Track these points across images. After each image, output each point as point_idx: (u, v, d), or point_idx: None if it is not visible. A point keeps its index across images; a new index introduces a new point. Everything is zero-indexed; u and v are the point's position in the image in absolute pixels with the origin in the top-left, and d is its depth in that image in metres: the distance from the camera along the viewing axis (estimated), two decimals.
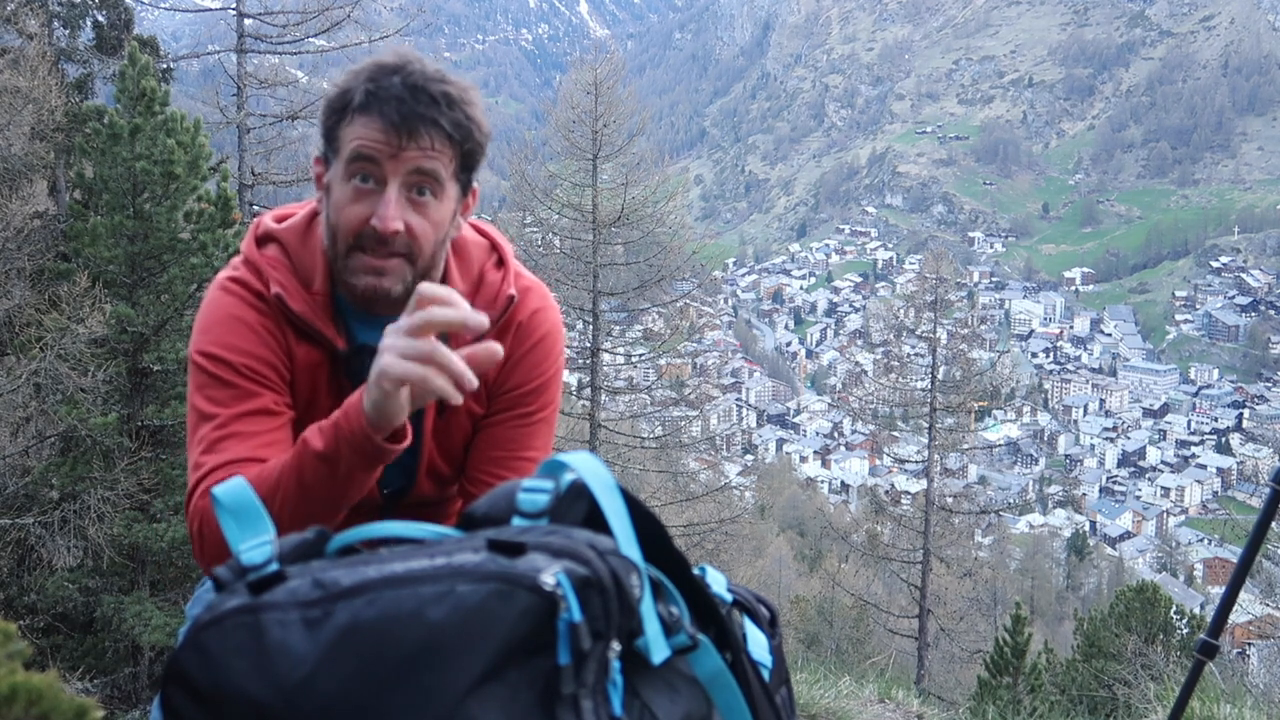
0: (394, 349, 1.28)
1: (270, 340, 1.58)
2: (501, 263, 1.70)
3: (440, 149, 1.47)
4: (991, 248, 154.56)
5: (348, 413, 1.39)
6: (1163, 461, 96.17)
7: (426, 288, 1.28)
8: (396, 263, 1.51)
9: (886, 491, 39.56)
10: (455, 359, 1.26)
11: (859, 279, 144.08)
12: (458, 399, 1.27)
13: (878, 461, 78.37)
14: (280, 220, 1.67)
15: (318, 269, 1.60)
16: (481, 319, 1.26)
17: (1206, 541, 71.64)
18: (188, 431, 1.58)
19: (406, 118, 1.43)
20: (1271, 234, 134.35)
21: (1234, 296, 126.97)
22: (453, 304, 1.27)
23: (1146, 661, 8.20)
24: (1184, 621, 12.75)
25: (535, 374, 1.70)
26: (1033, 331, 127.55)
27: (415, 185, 1.48)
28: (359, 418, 1.37)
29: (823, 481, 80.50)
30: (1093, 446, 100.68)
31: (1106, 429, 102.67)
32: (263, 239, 1.65)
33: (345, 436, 1.39)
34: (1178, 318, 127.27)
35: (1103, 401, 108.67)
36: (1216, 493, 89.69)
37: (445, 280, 1.64)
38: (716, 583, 1.19)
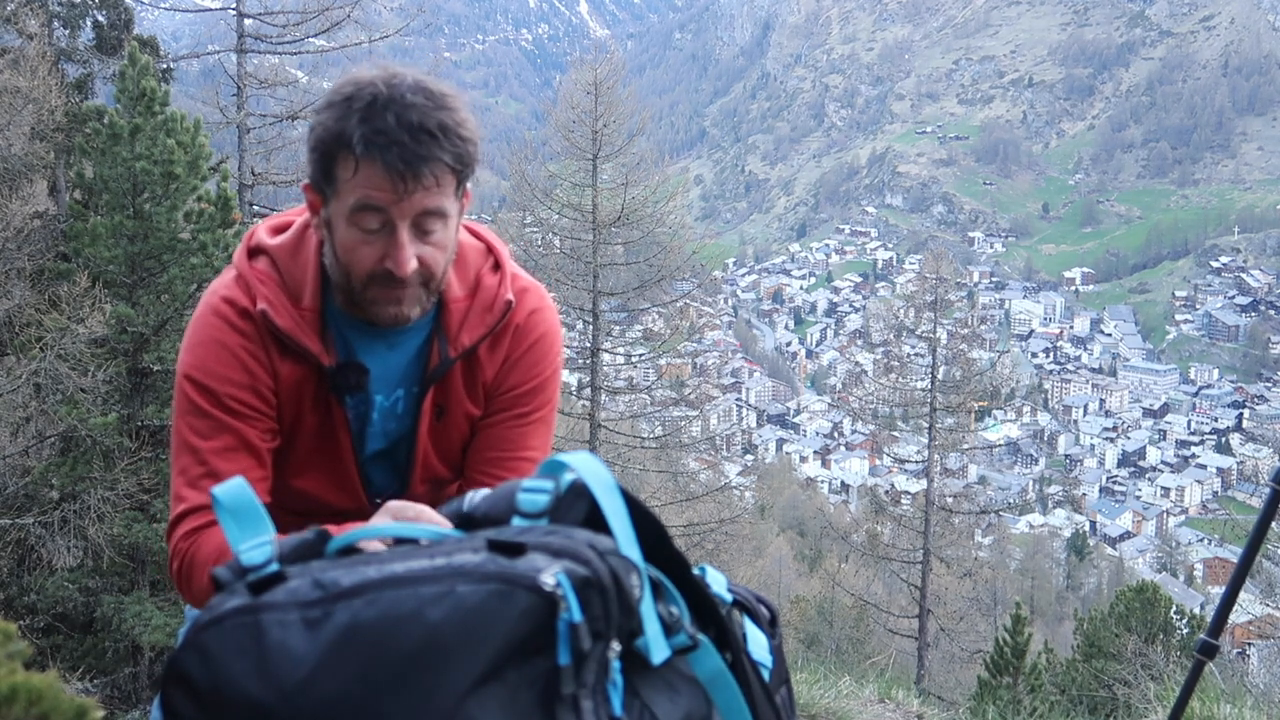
0: None
1: (253, 364, 1.58)
2: (498, 266, 1.70)
3: (444, 183, 1.46)
4: (991, 248, 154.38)
5: None
6: (1163, 461, 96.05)
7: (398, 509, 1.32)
8: (413, 291, 1.52)
9: (886, 491, 39.55)
10: None
11: (859, 279, 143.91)
12: None
13: (878, 461, 78.29)
14: (274, 232, 1.66)
15: (308, 284, 1.59)
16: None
17: (1206, 541, 71.52)
18: (172, 451, 1.60)
19: (410, 163, 1.41)
20: (1271, 234, 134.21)
21: (1234, 296, 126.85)
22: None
23: (1146, 661, 8.20)
24: (1184, 621, 12.75)
25: (533, 374, 1.71)
26: (1033, 331, 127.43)
27: (423, 223, 1.48)
28: None
29: (823, 481, 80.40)
30: (1093, 446, 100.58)
31: (1106, 429, 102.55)
32: (254, 251, 1.64)
33: None
34: (1178, 318, 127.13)
35: (1103, 401, 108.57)
36: (1216, 493, 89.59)
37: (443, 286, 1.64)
38: (716, 583, 1.19)
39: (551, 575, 0.91)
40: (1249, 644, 19.62)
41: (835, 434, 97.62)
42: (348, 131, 1.41)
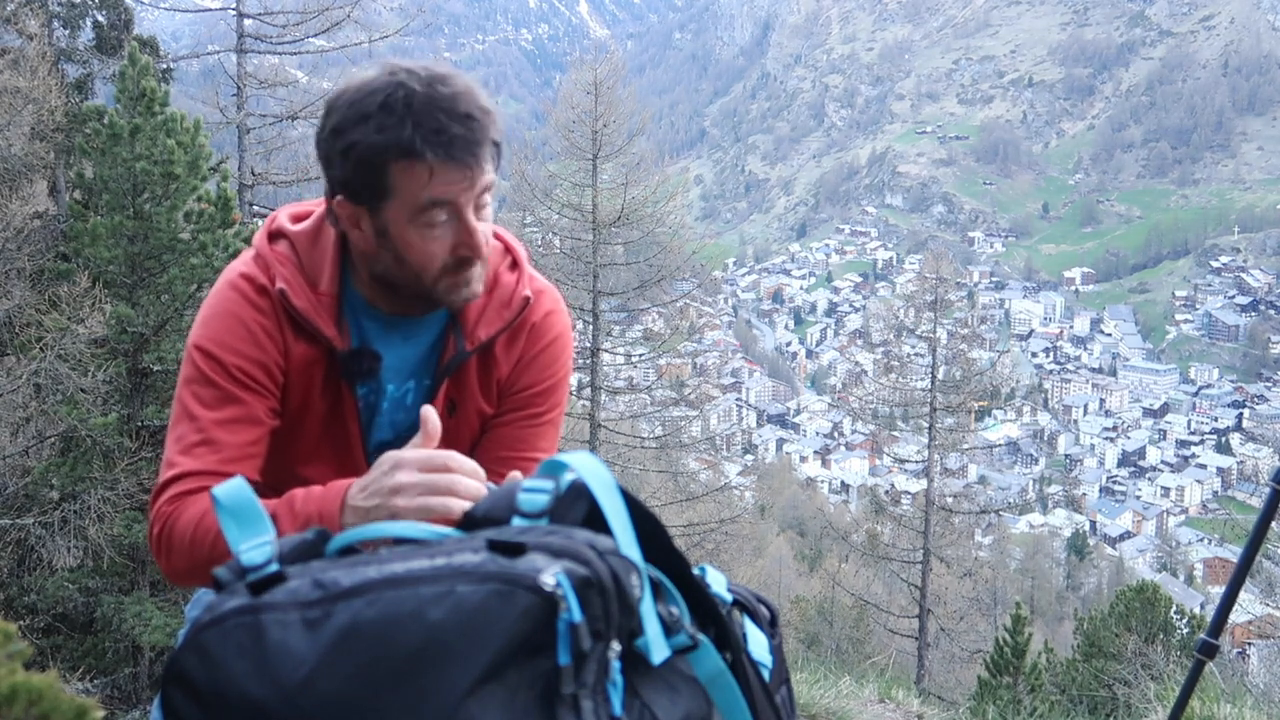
0: (412, 490, 1.30)
1: (265, 340, 1.58)
2: (515, 265, 1.71)
3: (491, 159, 1.49)
4: (991, 248, 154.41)
5: (323, 516, 1.37)
6: (1163, 461, 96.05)
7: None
8: (478, 268, 1.55)
9: (886, 491, 39.63)
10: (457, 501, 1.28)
11: (859, 279, 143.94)
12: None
13: (878, 461, 78.35)
14: (296, 219, 1.68)
15: (326, 270, 1.61)
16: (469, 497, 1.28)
17: (1206, 541, 71.54)
18: (171, 418, 1.59)
19: (472, 150, 1.44)
20: (1271, 234, 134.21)
21: (1234, 296, 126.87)
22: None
23: (1146, 661, 8.21)
24: (1184, 621, 12.74)
25: (546, 375, 1.72)
26: (1033, 331, 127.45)
27: (480, 201, 1.51)
28: (334, 517, 1.37)
29: (823, 481, 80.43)
30: (1093, 446, 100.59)
31: (1106, 429, 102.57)
32: (275, 235, 1.66)
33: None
34: (1178, 318, 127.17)
35: (1103, 401, 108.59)
36: (1216, 493, 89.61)
37: None
38: (716, 583, 1.19)
39: (551, 575, 0.91)
40: (1249, 644, 19.61)
41: (835, 434, 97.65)
42: (405, 139, 1.41)
